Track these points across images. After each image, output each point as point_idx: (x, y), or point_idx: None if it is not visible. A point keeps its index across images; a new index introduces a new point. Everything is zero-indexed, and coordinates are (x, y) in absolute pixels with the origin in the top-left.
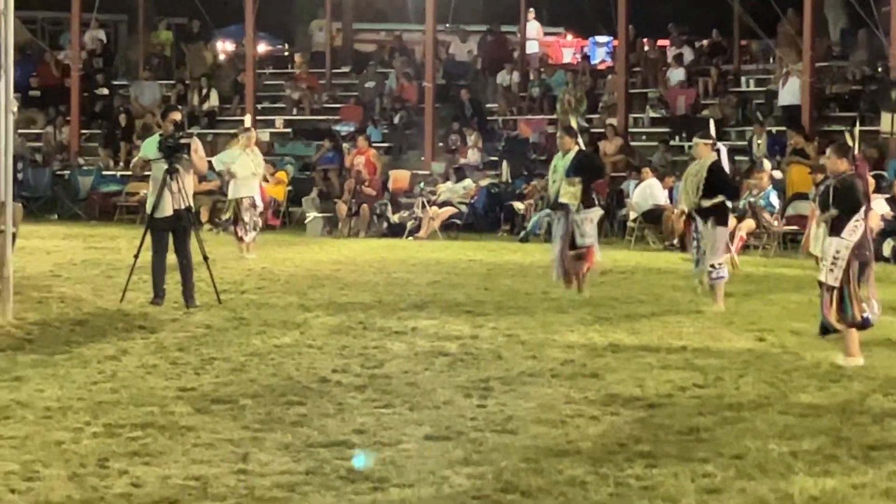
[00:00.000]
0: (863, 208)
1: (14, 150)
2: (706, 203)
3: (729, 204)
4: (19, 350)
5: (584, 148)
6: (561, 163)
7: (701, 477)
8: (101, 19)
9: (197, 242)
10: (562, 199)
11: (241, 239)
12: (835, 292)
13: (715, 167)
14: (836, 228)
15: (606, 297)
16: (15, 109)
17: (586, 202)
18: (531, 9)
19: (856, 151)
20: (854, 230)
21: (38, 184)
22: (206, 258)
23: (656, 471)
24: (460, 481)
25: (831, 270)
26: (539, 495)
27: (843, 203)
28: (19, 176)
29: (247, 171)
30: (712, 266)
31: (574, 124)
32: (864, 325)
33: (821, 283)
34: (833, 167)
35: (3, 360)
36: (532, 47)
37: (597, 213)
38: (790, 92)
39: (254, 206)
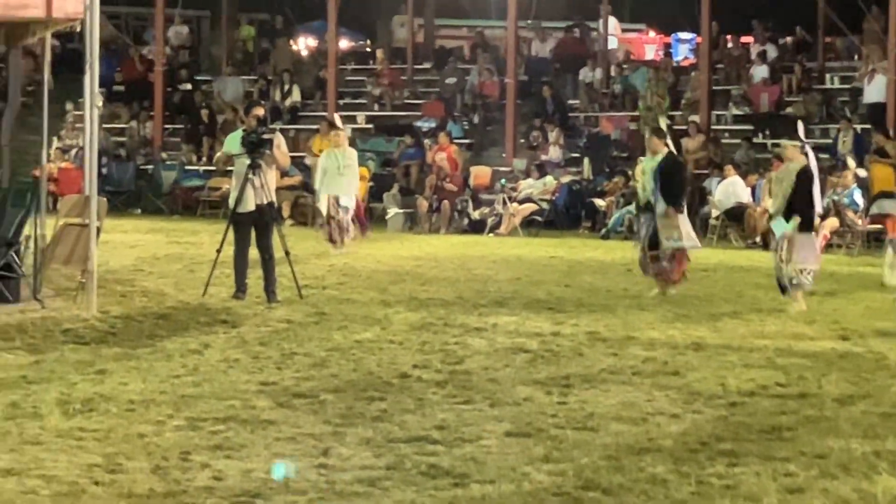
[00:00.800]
0: None
1: (98, 144)
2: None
3: (818, 209)
4: (103, 343)
5: (673, 150)
6: (649, 165)
7: (783, 476)
8: (185, 15)
9: (279, 237)
10: (651, 206)
11: (333, 241)
12: None
13: (803, 176)
14: None
15: (688, 296)
16: (100, 104)
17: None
18: (609, 5)
19: None
20: None
21: (121, 178)
22: (287, 253)
23: (738, 469)
24: (541, 478)
25: None
26: (620, 493)
27: None
28: (103, 170)
29: (335, 169)
30: (799, 271)
31: (663, 125)
32: None
33: None
34: None
35: (87, 353)
36: (611, 43)
37: (684, 217)
38: (876, 89)
39: (341, 205)
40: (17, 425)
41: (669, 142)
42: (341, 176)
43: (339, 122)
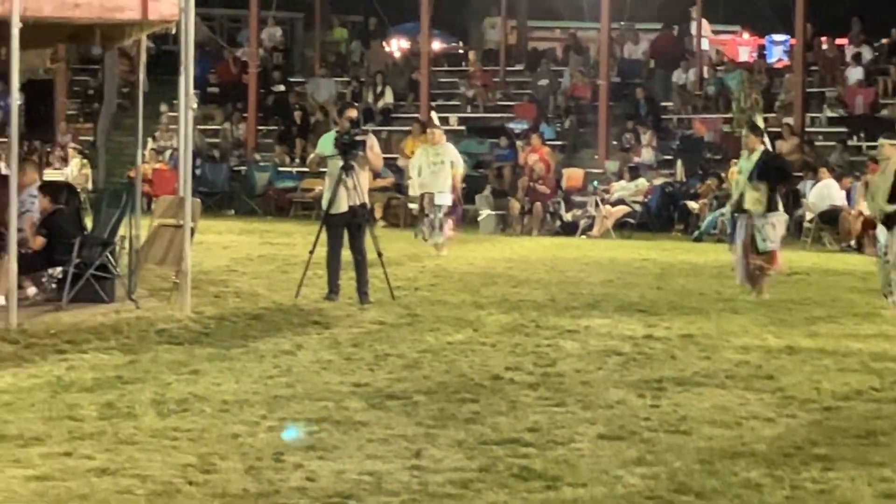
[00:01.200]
0: None
1: (192, 146)
2: (891, 208)
3: None
4: (197, 344)
5: (769, 148)
6: (746, 164)
7: (878, 482)
8: (279, 17)
9: (371, 239)
10: (745, 205)
11: (425, 239)
12: None
13: None
14: None
15: (782, 299)
16: (194, 106)
17: (771, 206)
18: (701, 7)
19: None
20: None
21: (215, 179)
22: (380, 255)
23: (832, 474)
24: (634, 481)
25: None
26: (713, 497)
27: None
28: (197, 172)
29: (428, 165)
30: None
31: (760, 123)
32: None
33: None
34: None
35: (181, 353)
36: (703, 45)
37: (781, 217)
38: None
39: (435, 203)
40: (113, 425)
41: (766, 140)
42: (434, 173)
43: (435, 119)
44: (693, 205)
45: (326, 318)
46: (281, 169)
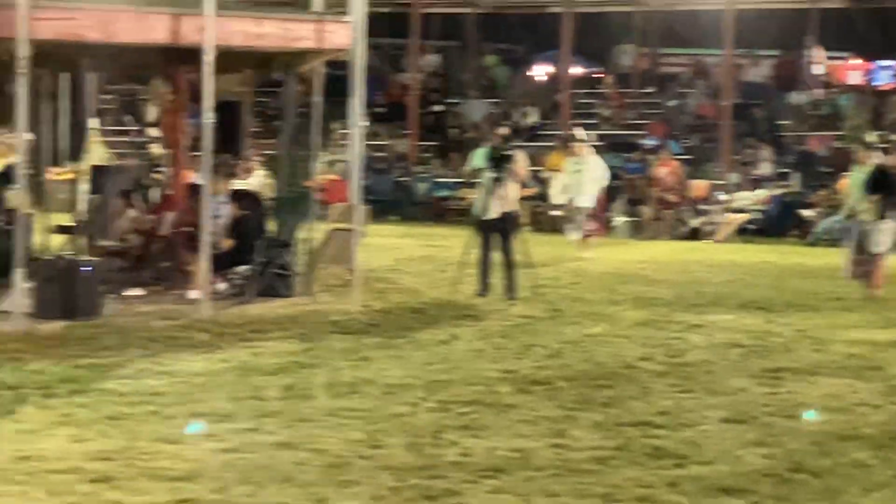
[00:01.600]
0: None
1: (361, 159)
2: None
3: None
4: (366, 334)
5: (880, 162)
6: (858, 176)
7: None
8: (437, 45)
9: (519, 243)
10: (858, 214)
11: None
12: None
13: None
14: None
15: (890, 298)
16: (364, 124)
17: (881, 215)
18: (815, 35)
19: None
20: None
21: (381, 189)
22: (524, 257)
23: None
24: (754, 460)
25: None
26: (826, 475)
27: None
28: (365, 182)
29: (573, 174)
30: None
31: (871, 139)
32: None
33: None
34: None
35: (351, 342)
36: (817, 70)
37: (890, 225)
38: None
39: (577, 206)
40: (292, 405)
41: (877, 155)
42: (577, 180)
43: (580, 134)
44: (808, 213)
45: (478, 312)
46: (438, 180)
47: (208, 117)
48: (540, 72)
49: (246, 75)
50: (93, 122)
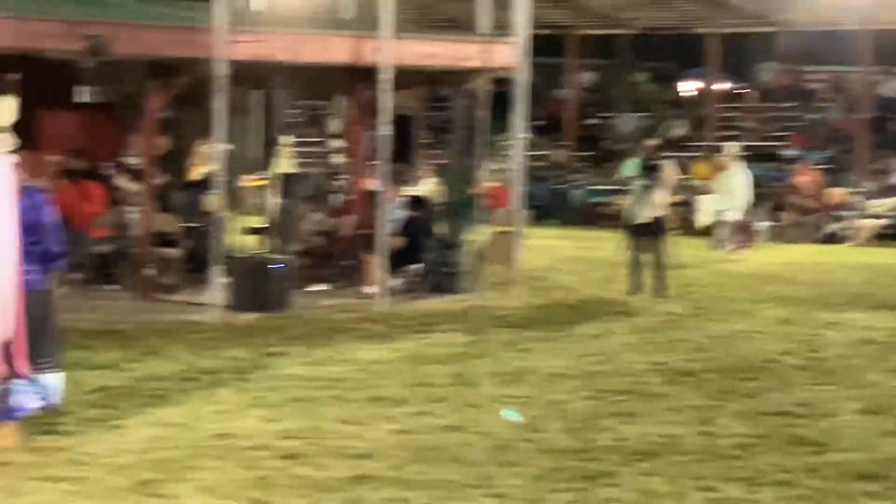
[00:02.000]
0: None
1: (522, 168)
2: None
3: None
4: (527, 328)
5: None
6: None
7: None
8: (592, 64)
9: (667, 245)
10: None
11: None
12: None
13: None
14: None
15: None
16: (525, 136)
17: None
18: None
19: None
20: None
21: (540, 195)
22: (672, 258)
23: None
24: (889, 449)
25: None
26: None
27: None
28: (526, 189)
29: (719, 187)
30: None
31: None
32: None
33: None
34: None
35: (513, 335)
36: None
37: None
38: None
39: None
40: (459, 391)
41: None
42: (721, 195)
43: (729, 149)
44: None
45: (629, 309)
46: (592, 187)
47: (384, 130)
48: (688, 87)
49: (417, 92)
50: (281, 135)
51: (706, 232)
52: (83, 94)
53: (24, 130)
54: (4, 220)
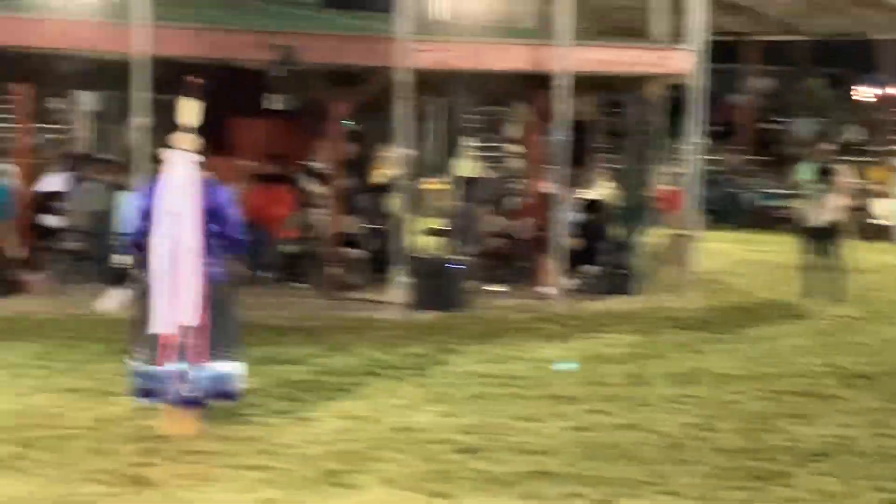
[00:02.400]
0: None
1: (698, 172)
2: None
3: None
4: (700, 329)
5: None
6: None
7: None
8: (768, 69)
9: (844, 249)
10: None
11: None
12: None
13: None
14: None
15: None
16: (702, 141)
17: None
18: None
19: None
20: None
21: (714, 199)
22: (849, 262)
23: None
24: None
25: None
26: None
27: None
28: (701, 192)
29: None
30: None
31: None
32: None
33: None
34: None
35: (686, 336)
36: None
37: None
38: None
39: None
40: (633, 390)
41: None
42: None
43: None
44: None
45: (801, 312)
46: (767, 191)
47: (561, 135)
48: (865, 93)
49: (593, 97)
50: (462, 140)
51: (883, 236)
52: (274, 102)
53: (220, 137)
54: (189, 212)
